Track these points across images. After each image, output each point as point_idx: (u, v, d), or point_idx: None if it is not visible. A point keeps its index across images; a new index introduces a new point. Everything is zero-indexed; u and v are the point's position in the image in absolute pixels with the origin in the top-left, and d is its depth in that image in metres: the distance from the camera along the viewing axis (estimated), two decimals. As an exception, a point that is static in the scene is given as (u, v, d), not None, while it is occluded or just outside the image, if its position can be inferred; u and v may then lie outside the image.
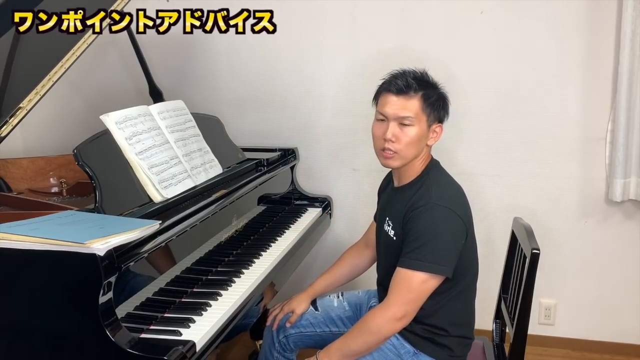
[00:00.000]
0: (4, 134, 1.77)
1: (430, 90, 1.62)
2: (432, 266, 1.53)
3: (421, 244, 1.54)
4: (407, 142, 1.59)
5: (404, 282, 1.55)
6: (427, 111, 1.60)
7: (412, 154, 1.62)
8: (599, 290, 2.64)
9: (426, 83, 1.63)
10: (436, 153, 1.75)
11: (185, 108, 2.07)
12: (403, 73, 1.64)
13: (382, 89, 1.66)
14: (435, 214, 1.55)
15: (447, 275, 1.56)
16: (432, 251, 1.53)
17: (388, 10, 2.60)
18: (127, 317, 1.38)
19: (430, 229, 1.54)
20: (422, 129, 1.61)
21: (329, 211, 2.63)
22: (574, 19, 2.44)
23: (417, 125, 1.59)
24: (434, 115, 1.62)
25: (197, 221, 1.69)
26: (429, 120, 1.61)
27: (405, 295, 1.55)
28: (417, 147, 1.62)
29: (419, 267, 1.53)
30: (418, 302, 1.57)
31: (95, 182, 1.55)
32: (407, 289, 1.55)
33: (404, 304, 1.55)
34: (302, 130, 2.77)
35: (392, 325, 1.57)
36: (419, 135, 1.60)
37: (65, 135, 2.70)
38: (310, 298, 1.91)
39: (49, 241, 1.24)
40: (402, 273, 1.56)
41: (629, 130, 2.40)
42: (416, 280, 1.54)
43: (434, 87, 1.65)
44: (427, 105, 1.60)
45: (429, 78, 1.66)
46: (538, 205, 2.60)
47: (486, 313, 1.97)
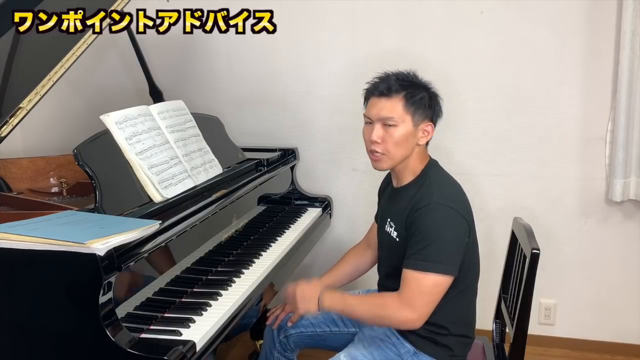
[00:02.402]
0: (4, 134, 1.77)
1: (415, 90, 1.62)
2: (440, 266, 1.52)
3: (427, 245, 1.53)
4: (393, 143, 1.60)
5: (415, 285, 1.53)
6: (411, 110, 1.60)
7: (399, 154, 1.62)
8: (599, 290, 2.64)
9: (410, 83, 1.63)
10: (436, 153, 1.75)
11: (185, 108, 2.07)
12: (387, 76, 1.65)
13: (367, 93, 1.67)
14: (438, 213, 1.55)
15: (454, 275, 1.55)
16: (439, 251, 1.52)
17: (388, 10, 2.60)
18: (127, 317, 1.38)
19: (434, 229, 1.54)
20: (408, 129, 1.60)
21: (329, 211, 2.63)
22: (574, 19, 2.44)
23: (402, 125, 1.60)
24: (420, 114, 1.61)
25: (197, 221, 1.69)
26: (415, 119, 1.61)
27: (421, 298, 1.52)
28: (404, 147, 1.62)
29: (429, 269, 1.51)
30: (432, 305, 1.54)
31: (95, 182, 1.55)
32: (419, 291, 1.52)
33: (419, 307, 1.52)
34: (302, 130, 2.77)
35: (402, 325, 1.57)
36: (404, 135, 1.60)
37: (65, 135, 2.71)
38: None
39: (49, 241, 1.25)
40: (411, 275, 1.53)
41: (629, 130, 2.40)
42: (428, 282, 1.52)
43: (419, 87, 1.64)
44: (411, 105, 1.60)
45: (414, 78, 1.65)
46: (538, 205, 2.60)
47: (486, 313, 1.97)
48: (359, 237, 2.04)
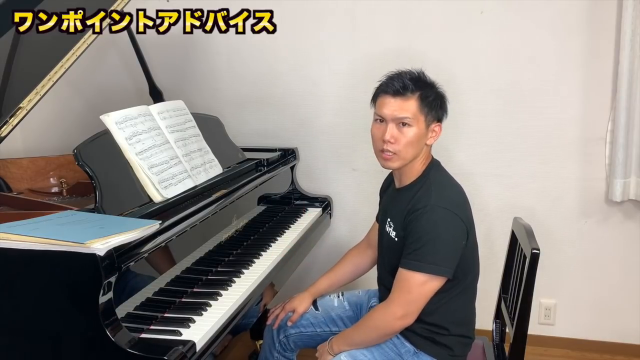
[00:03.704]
0: (4, 134, 1.77)
1: (428, 90, 1.62)
2: (432, 267, 1.54)
3: (421, 246, 1.54)
4: (405, 143, 1.60)
5: (405, 283, 1.57)
6: (425, 111, 1.60)
7: (411, 154, 1.62)
8: (599, 290, 2.64)
9: (423, 83, 1.63)
10: (436, 153, 1.75)
11: (185, 108, 2.07)
12: (399, 74, 1.64)
13: (379, 91, 1.66)
14: (435, 215, 1.55)
15: (447, 277, 1.56)
16: (432, 253, 1.54)
17: (388, 10, 2.60)
18: (127, 317, 1.38)
19: (430, 231, 1.55)
20: (421, 129, 1.61)
21: (329, 211, 2.63)
22: (574, 19, 2.44)
23: (416, 125, 1.60)
24: (432, 115, 1.62)
25: (197, 221, 1.69)
26: (427, 120, 1.61)
27: (406, 296, 1.57)
28: (416, 147, 1.62)
29: (419, 268, 1.54)
30: (419, 303, 1.58)
31: (95, 182, 1.55)
32: (407, 289, 1.56)
33: (405, 304, 1.57)
34: (302, 130, 2.77)
35: (393, 324, 1.59)
36: (417, 136, 1.60)
37: (65, 135, 2.71)
38: (312, 297, 1.91)
39: (49, 241, 1.25)
40: (403, 274, 1.57)
41: (629, 130, 2.40)
42: (416, 281, 1.55)
43: (432, 87, 1.64)
44: (425, 105, 1.60)
45: (425, 78, 1.65)
46: (538, 205, 2.60)
47: (486, 313, 1.97)
48: (359, 237, 2.04)
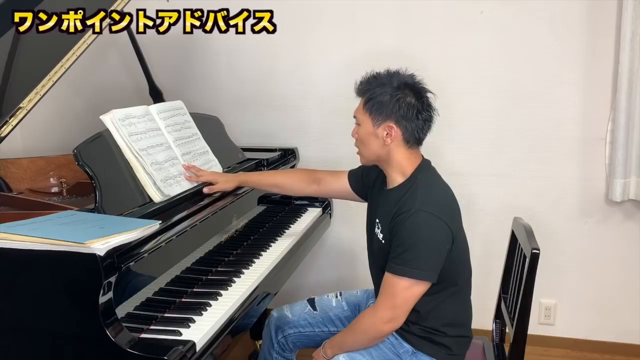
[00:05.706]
0: (4, 134, 1.77)
1: (379, 90, 1.62)
2: (416, 272, 1.53)
3: (404, 250, 1.54)
4: (357, 141, 1.70)
5: (390, 288, 1.57)
6: (369, 111, 1.63)
7: (366, 152, 1.68)
8: (599, 290, 2.64)
9: (376, 84, 1.63)
10: (436, 153, 1.75)
11: (184, 108, 2.07)
12: (365, 76, 1.69)
13: None
14: (418, 220, 1.55)
15: (430, 281, 1.56)
16: (416, 257, 1.54)
17: (388, 11, 2.60)
18: (127, 317, 1.38)
19: (413, 235, 1.55)
20: (367, 128, 1.64)
21: (329, 211, 2.63)
22: (574, 19, 2.44)
23: (363, 124, 1.66)
24: (379, 115, 1.62)
25: (197, 221, 1.69)
26: (374, 119, 1.62)
27: (391, 300, 1.57)
28: (367, 145, 1.66)
29: (403, 273, 1.54)
30: (405, 307, 1.58)
31: (95, 182, 1.55)
32: (392, 294, 1.57)
33: (390, 308, 1.57)
34: (302, 130, 2.77)
35: (380, 327, 1.59)
36: (364, 135, 1.66)
37: (65, 135, 2.71)
38: (238, 182, 1.96)
39: (49, 241, 1.25)
40: (388, 278, 1.58)
41: (629, 130, 2.40)
42: (400, 285, 1.55)
43: (387, 87, 1.62)
44: (369, 106, 1.63)
45: (384, 79, 1.64)
46: (538, 205, 2.60)
47: (486, 313, 1.97)
48: (359, 237, 2.04)
